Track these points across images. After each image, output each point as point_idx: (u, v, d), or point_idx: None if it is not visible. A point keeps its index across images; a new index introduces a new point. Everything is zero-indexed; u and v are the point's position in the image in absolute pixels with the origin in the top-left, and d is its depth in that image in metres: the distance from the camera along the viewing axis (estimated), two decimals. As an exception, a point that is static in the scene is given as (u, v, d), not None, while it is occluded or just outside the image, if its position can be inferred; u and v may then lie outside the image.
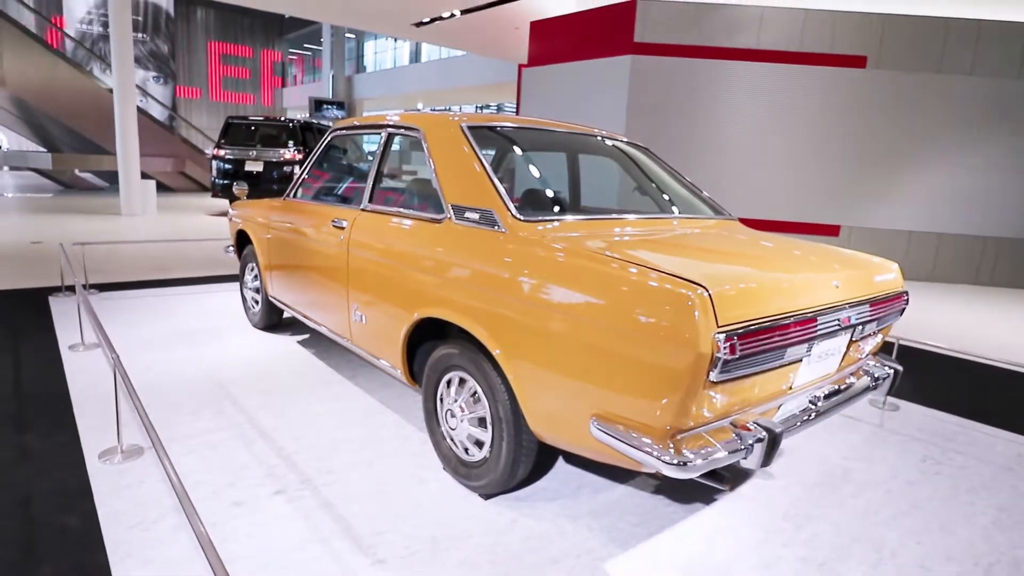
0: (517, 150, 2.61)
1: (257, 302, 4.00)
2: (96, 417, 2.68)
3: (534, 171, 2.60)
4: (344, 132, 3.09)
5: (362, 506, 2.11)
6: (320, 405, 2.94)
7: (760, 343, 1.51)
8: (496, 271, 1.92)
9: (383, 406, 2.97)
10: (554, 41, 8.82)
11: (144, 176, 10.58)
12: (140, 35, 25.71)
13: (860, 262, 2.19)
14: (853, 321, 1.90)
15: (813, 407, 1.91)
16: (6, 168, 21.87)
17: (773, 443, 1.57)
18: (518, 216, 1.98)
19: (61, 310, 4.26)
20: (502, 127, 2.48)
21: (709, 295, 1.44)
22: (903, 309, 2.33)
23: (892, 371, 2.25)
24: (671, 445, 1.52)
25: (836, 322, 1.83)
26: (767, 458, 1.58)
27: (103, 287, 4.94)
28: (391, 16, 11.94)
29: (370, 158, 2.83)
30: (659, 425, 1.53)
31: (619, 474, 2.42)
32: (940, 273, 7.99)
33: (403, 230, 2.41)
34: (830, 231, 7.97)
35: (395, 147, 2.74)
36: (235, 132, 10.21)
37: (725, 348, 1.42)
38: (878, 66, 7.53)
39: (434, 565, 1.82)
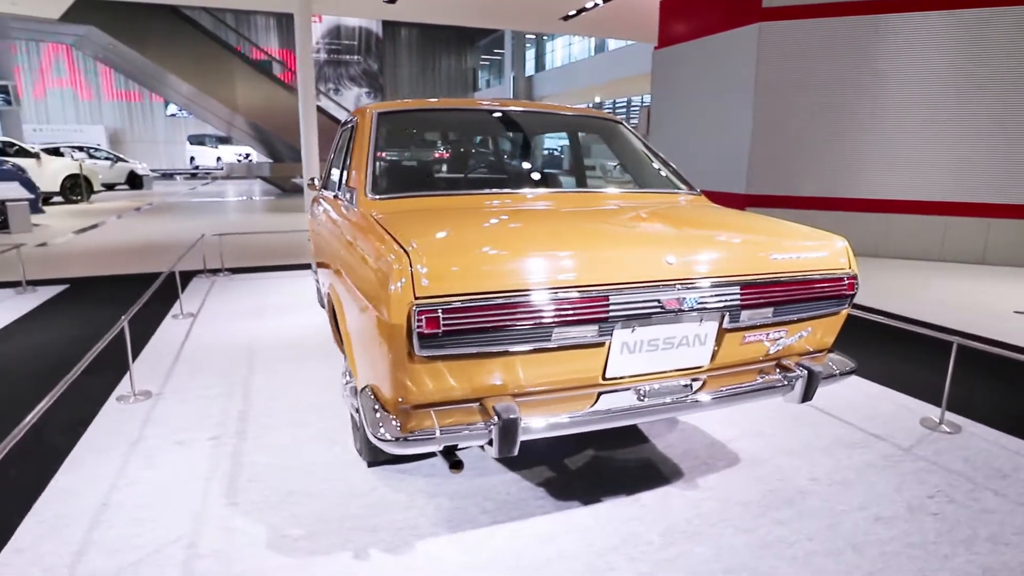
0: (425, 132, 2.63)
1: (318, 283, 4.54)
2: (147, 368, 3.33)
3: (428, 150, 2.59)
4: (343, 127, 3.38)
5: (263, 458, 2.36)
6: (312, 373, 3.28)
7: (480, 319, 1.39)
8: (338, 244, 2.01)
9: (363, 378, 3.21)
10: (681, 18, 8.26)
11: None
12: (356, 57, 29.66)
13: (766, 232, 1.83)
14: (692, 305, 1.61)
15: (639, 402, 1.66)
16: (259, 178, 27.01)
17: (506, 431, 1.43)
18: (369, 195, 2.04)
19: (196, 287, 5.29)
20: (415, 111, 2.52)
21: (410, 265, 1.38)
22: (844, 296, 1.88)
23: (807, 372, 1.81)
24: (395, 420, 1.48)
25: (656, 304, 1.57)
26: (504, 447, 1.44)
27: (237, 271, 5.97)
28: (540, 13, 12.21)
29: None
30: (389, 398, 1.50)
31: (515, 462, 2.32)
32: None
33: (335, 211, 2.60)
34: (1021, 213, 6.26)
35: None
36: (394, 136, 11.40)
37: (421, 321, 1.35)
38: (1106, -4, 5.70)
39: (268, 513, 1.99)
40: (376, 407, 1.54)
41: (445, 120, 2.72)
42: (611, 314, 1.52)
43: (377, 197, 2.04)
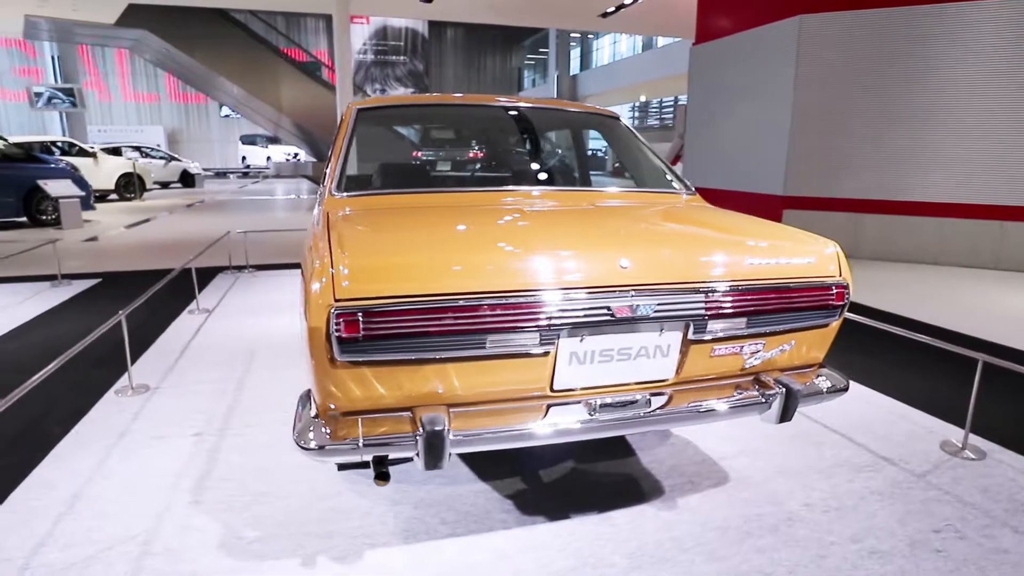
0: (408, 128, 2.56)
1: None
2: (152, 362, 3.40)
3: (410, 147, 2.52)
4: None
5: (240, 456, 2.35)
6: (310, 371, 3.27)
7: (404, 324, 1.32)
8: (308, 243, 1.98)
9: (357, 378, 3.18)
10: (720, 12, 7.97)
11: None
12: (402, 58, 30.07)
13: (747, 234, 1.69)
14: (648, 313, 1.48)
15: (589, 417, 1.54)
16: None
17: (430, 444, 1.34)
18: (334, 193, 2.00)
19: (218, 283, 5.41)
20: (398, 106, 2.47)
21: (331, 265, 1.31)
22: (832, 307, 1.71)
23: (784, 390, 1.65)
24: (325, 427, 1.42)
25: (605, 311, 1.46)
26: (429, 460, 1.36)
27: (262, 267, 6.09)
28: (578, 10, 12.07)
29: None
30: (319, 403, 1.44)
31: (488, 471, 2.24)
32: None
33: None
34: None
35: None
36: (430, 136, 11.50)
37: (339, 325, 1.28)
38: None
39: (230, 513, 1.97)
40: (312, 412, 1.49)
41: (430, 116, 2.67)
42: (553, 321, 1.42)
43: (343, 195, 2.00)
